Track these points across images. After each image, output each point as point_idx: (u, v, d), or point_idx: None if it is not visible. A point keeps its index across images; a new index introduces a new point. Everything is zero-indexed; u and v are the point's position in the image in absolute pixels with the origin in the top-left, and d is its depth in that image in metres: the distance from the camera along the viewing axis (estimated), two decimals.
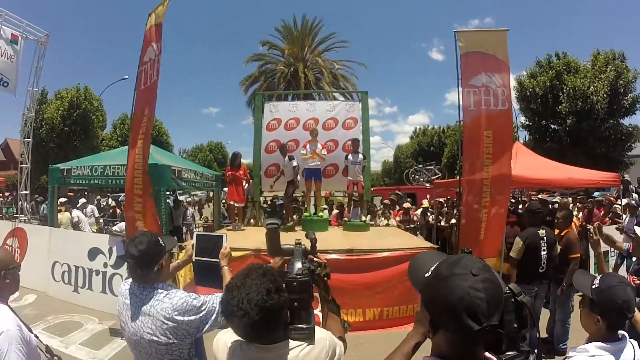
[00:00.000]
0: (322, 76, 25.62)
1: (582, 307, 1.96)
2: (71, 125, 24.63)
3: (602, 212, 9.68)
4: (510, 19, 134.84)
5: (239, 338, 1.40)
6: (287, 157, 8.63)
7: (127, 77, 24.68)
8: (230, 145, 48.99)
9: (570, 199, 12.16)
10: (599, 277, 1.92)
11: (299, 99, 13.60)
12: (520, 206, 11.44)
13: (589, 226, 5.41)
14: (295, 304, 1.42)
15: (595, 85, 19.75)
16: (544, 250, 4.78)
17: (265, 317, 1.28)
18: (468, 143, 6.45)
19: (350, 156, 8.44)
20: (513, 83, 21.96)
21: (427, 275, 1.09)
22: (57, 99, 25.12)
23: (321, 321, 1.81)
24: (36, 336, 2.08)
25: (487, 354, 1.06)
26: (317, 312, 1.73)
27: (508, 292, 1.10)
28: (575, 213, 9.16)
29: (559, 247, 4.96)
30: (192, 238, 2.59)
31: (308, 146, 8.53)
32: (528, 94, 22.27)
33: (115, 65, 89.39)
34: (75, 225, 9.83)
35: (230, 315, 1.32)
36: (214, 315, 1.91)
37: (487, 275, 0.98)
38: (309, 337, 1.43)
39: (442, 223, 10.85)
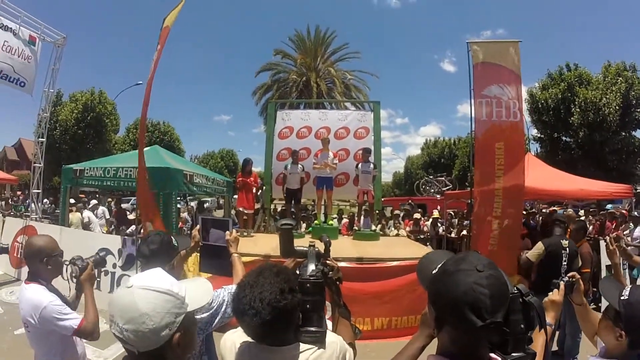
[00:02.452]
0: (334, 86, 25.75)
1: (603, 318, 1.80)
2: (85, 128, 25.08)
3: (615, 224, 9.51)
4: (522, 31, 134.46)
5: (248, 338, 1.37)
6: (290, 162, 8.55)
7: (141, 82, 24.92)
8: (241, 153, 49.46)
9: (571, 210, 11.89)
10: (628, 288, 1.74)
11: (312, 107, 13.63)
12: (531, 218, 11.31)
13: (602, 238, 5.29)
14: (308, 305, 1.39)
15: (607, 97, 19.57)
16: (564, 261, 4.60)
17: (277, 317, 1.25)
18: (480, 154, 6.42)
19: (360, 165, 8.40)
20: (525, 95, 21.83)
21: (434, 272, 1.10)
22: (72, 101, 25.64)
23: (331, 326, 1.77)
24: None
25: (492, 354, 1.05)
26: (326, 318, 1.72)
27: (516, 292, 1.09)
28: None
29: (580, 261, 4.77)
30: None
31: (320, 155, 8.54)
32: (540, 106, 22.15)
33: (131, 70, 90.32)
34: (86, 226, 9.91)
35: (241, 314, 1.28)
36: (223, 308, 1.89)
37: (492, 272, 0.98)
38: (320, 341, 1.40)
39: (453, 235, 10.77)
